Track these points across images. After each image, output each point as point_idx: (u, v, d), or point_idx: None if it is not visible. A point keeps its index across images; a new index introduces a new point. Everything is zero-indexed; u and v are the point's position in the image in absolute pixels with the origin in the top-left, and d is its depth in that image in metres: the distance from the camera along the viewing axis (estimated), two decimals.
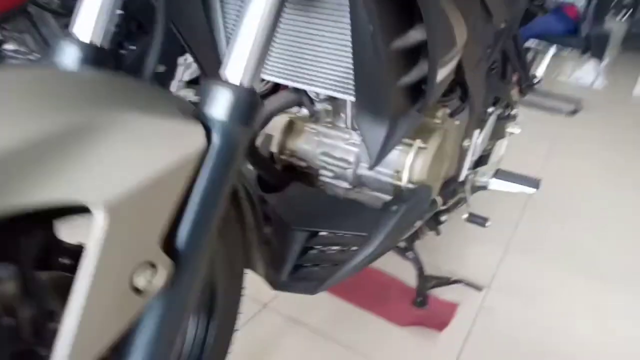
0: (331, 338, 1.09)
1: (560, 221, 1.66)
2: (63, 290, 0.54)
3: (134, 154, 0.38)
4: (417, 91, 0.66)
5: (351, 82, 0.66)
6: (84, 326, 0.38)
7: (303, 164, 0.96)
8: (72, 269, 0.57)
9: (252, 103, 0.45)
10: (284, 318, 1.14)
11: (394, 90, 0.61)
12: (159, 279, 0.42)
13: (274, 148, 1.01)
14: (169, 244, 0.43)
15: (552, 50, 1.52)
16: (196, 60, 0.78)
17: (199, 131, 0.43)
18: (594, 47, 2.43)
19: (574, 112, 3.01)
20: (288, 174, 0.99)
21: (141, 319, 0.43)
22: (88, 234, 0.37)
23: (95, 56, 0.51)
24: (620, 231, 1.62)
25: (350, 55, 0.62)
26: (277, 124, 1.01)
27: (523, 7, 1.19)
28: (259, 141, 0.96)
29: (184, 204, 0.43)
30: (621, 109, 3.24)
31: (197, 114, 0.45)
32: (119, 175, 0.37)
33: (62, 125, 0.35)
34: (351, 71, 0.65)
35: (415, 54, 0.60)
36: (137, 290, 0.41)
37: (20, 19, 1.22)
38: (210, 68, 0.80)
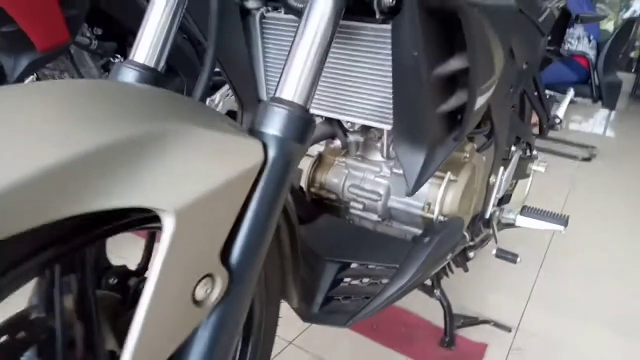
0: None
1: (582, 262, 1.63)
2: (110, 310, 0.55)
3: (200, 164, 0.40)
4: (453, 120, 0.68)
5: (388, 111, 0.68)
6: (148, 337, 0.38)
7: (332, 196, 0.97)
8: (117, 289, 0.58)
9: (305, 121, 0.47)
10: (311, 356, 1.11)
11: (432, 118, 0.63)
12: (217, 291, 0.43)
13: (303, 182, 1.03)
14: (225, 256, 0.44)
15: (571, 92, 1.55)
16: (236, 95, 0.81)
17: (257, 146, 0.44)
18: (606, 96, 2.47)
19: (588, 159, 3.02)
20: (317, 207, 1.00)
21: (195, 332, 0.43)
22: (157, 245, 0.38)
23: (151, 77, 0.54)
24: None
25: (388, 85, 0.65)
26: (306, 158, 1.04)
27: (543, 50, 1.23)
28: None
29: (241, 217, 0.44)
30: (634, 157, 3.24)
31: (253, 131, 0.46)
32: (187, 184, 0.38)
33: (135, 133, 0.37)
34: (388, 100, 0.67)
35: (453, 82, 0.63)
36: (196, 302, 0.41)
37: (61, 59, 1.29)
38: (247, 101, 0.83)
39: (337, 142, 0.86)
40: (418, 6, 0.52)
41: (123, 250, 0.59)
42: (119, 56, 1.42)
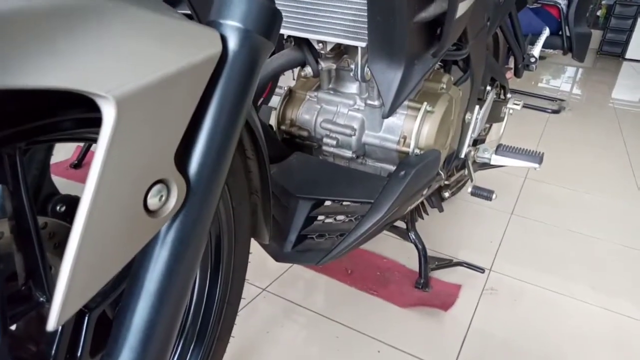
0: (335, 320, 1.04)
1: (552, 208, 1.65)
2: (57, 239, 0.49)
3: (146, 49, 0.34)
4: (432, 34, 0.63)
5: (362, 27, 0.63)
6: (91, 248, 0.33)
7: (304, 133, 0.92)
8: (66, 218, 0.52)
9: (271, 11, 0.41)
10: (285, 301, 1.08)
11: (410, 30, 0.58)
12: (173, 200, 0.37)
13: (272, 120, 0.97)
14: (181, 162, 0.38)
15: (547, 31, 1.53)
16: (189, 3, 0.73)
17: (214, 36, 0.39)
18: (577, 47, 2.47)
19: (557, 111, 3.06)
20: (288, 146, 0.95)
21: (152, 247, 0.38)
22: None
23: None
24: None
25: None
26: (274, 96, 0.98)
27: None
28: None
29: (199, 117, 0.38)
30: (600, 110, 3.30)
31: (210, 23, 0.40)
32: (131, 70, 0.32)
33: (68, 1, 0.30)
34: (362, 15, 0.62)
35: None
36: (149, 212, 0.36)
37: None
38: (202, 11, 0.76)
39: (308, 70, 0.80)
40: None
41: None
42: None
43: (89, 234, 0.32)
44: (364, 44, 0.63)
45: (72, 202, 0.52)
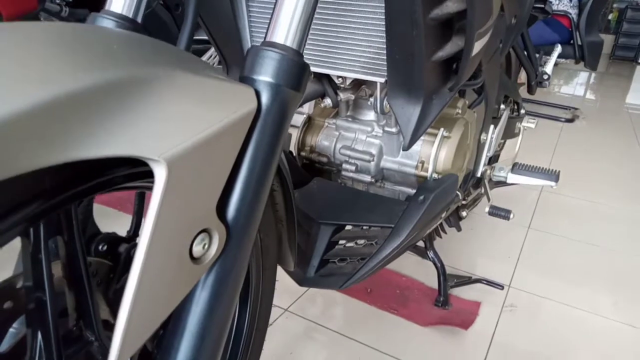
0: (357, 340, 1.06)
1: (569, 220, 1.65)
2: (101, 278, 0.52)
3: (190, 112, 0.37)
4: (448, 69, 0.65)
5: (381, 62, 0.65)
6: (144, 300, 0.35)
7: (324, 159, 0.95)
8: (107, 256, 0.55)
9: (300, 65, 0.44)
10: (307, 322, 1.10)
11: (427, 67, 0.60)
12: (214, 247, 0.40)
13: (292, 146, 1.00)
14: (221, 210, 0.41)
15: (559, 48, 1.54)
16: (220, 53, 0.77)
17: (249, 92, 0.42)
18: (589, 55, 2.47)
19: (571, 120, 3.05)
20: (308, 171, 0.98)
21: (194, 292, 0.41)
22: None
23: (131, 28, 0.50)
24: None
25: (381, 34, 0.62)
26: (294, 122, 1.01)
27: (530, 5, 1.20)
28: None
29: (237, 168, 0.41)
30: (615, 117, 3.28)
31: (244, 79, 0.44)
32: (178, 132, 0.35)
33: (120, 77, 0.33)
34: (381, 51, 0.64)
35: (449, 27, 0.60)
36: (194, 259, 0.39)
37: None
38: (231, 59, 0.80)
39: (327, 101, 0.83)
40: None
41: (109, 227, 0.56)
42: None
43: (143, 283, 0.35)
44: (382, 80, 0.66)
45: (113, 241, 0.55)
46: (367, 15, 0.62)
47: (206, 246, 0.40)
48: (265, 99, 0.42)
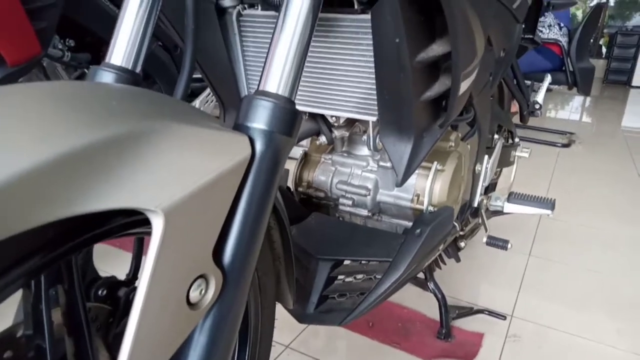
0: None
1: (569, 246, 1.65)
2: (100, 322, 0.53)
3: (186, 162, 0.38)
4: (437, 107, 0.67)
5: (372, 102, 0.67)
6: (143, 345, 0.36)
7: (321, 194, 0.96)
8: (107, 300, 0.56)
9: (292, 113, 0.46)
10: (309, 358, 1.09)
11: (417, 106, 0.62)
12: (211, 292, 0.41)
13: (290, 182, 1.02)
14: (217, 256, 0.42)
15: (549, 78, 1.57)
16: (217, 96, 0.80)
17: (244, 140, 0.43)
18: (581, 81, 2.51)
19: (567, 145, 3.08)
20: (306, 206, 0.99)
21: (192, 337, 0.42)
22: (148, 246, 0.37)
23: (130, 80, 0.52)
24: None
25: (371, 76, 0.64)
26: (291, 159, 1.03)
27: (519, 37, 1.24)
28: None
29: (232, 214, 0.43)
30: (611, 140, 3.31)
31: (238, 126, 0.45)
32: (174, 182, 0.37)
33: (117, 132, 0.35)
34: (372, 91, 0.66)
35: (436, 68, 0.62)
36: (190, 305, 0.40)
37: (34, 72, 1.26)
38: (228, 101, 0.82)
39: (323, 139, 0.85)
40: None
41: (109, 266, 0.57)
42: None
43: (141, 329, 0.36)
44: (374, 118, 0.68)
45: (112, 286, 0.56)
46: (356, 59, 0.64)
47: (203, 291, 0.40)
48: (259, 145, 0.44)
